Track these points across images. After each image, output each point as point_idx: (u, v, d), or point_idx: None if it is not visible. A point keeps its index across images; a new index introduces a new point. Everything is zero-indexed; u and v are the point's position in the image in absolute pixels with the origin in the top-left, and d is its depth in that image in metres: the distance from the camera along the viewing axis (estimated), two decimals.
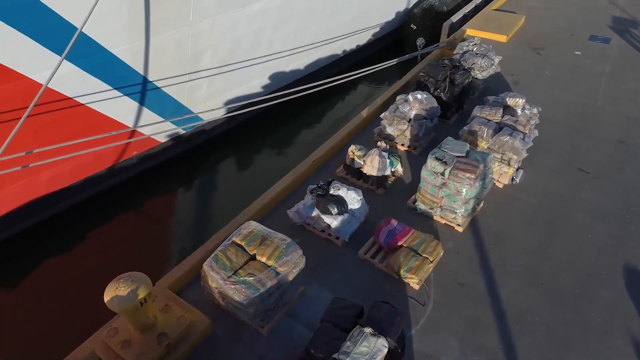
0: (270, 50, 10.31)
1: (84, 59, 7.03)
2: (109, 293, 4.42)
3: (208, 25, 8.44)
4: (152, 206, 9.00)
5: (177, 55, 8.32)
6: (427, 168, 6.35)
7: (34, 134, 7.14)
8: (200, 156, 10.06)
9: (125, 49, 7.47)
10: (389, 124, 7.97)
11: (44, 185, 8.01)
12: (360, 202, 6.26)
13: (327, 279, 5.76)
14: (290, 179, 7.05)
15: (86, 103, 7.53)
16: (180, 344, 4.88)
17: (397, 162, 7.26)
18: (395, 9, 13.77)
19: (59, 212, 8.36)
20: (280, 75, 11.17)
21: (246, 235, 5.18)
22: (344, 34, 12.39)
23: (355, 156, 7.15)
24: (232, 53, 9.41)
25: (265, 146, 10.73)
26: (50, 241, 8.02)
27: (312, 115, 11.54)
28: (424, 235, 6.04)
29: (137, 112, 8.46)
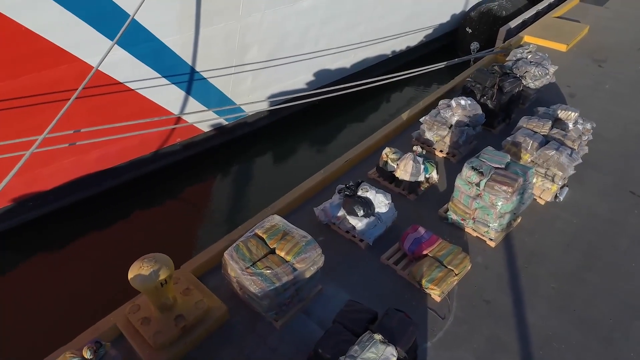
0: (316, 47, 10.33)
1: (136, 47, 7.36)
2: (132, 271, 4.62)
3: (257, 19, 8.58)
4: (190, 192, 9.30)
5: (224, 47, 8.52)
6: (462, 177, 6.13)
7: (85, 115, 7.56)
8: (240, 148, 10.26)
9: (176, 39, 7.74)
10: (429, 129, 7.75)
11: (92, 163, 8.48)
12: (388, 206, 6.14)
13: (347, 280, 5.70)
14: (320, 177, 7.04)
15: (135, 89, 7.89)
16: (196, 328, 5.01)
17: (433, 169, 7.05)
18: (450, 11, 13.38)
19: (103, 190, 8.82)
20: (326, 73, 11.17)
21: (268, 229, 5.23)
22: (394, 34, 12.19)
23: (389, 159, 7.02)
24: (279, 48, 9.52)
25: (304, 142, 10.78)
26: (92, 217, 8.48)
27: (355, 114, 11.46)
28: (452, 247, 5.84)
29: (183, 100, 8.76)
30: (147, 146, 8.99)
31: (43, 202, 8.34)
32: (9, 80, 6.37)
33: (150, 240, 7.73)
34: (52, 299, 6.91)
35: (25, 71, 6.44)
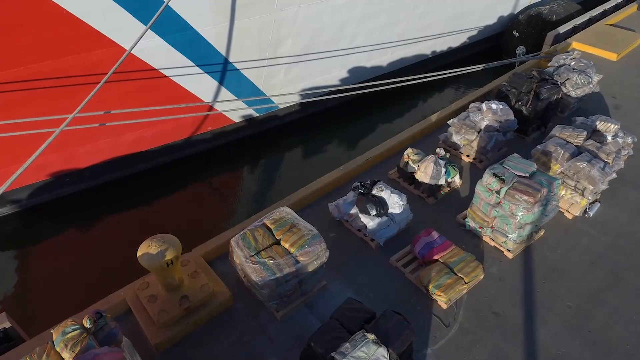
0: (352, 44, 10.27)
1: (171, 35, 7.60)
2: (141, 249, 4.79)
3: (292, 13, 8.63)
4: (216, 180, 9.54)
5: (258, 40, 8.64)
6: (482, 183, 5.91)
7: (121, 98, 7.90)
8: (269, 140, 10.39)
9: (210, 29, 7.93)
10: (456, 132, 7.53)
11: (127, 145, 8.86)
12: (402, 207, 6.03)
13: (353, 279, 5.65)
14: (339, 174, 7.00)
15: (170, 76, 8.15)
16: (199, 310, 5.14)
17: (455, 173, 6.85)
18: (498, 13, 12.89)
19: (136, 172, 9.20)
20: (360, 70, 11.09)
21: (276, 220, 5.26)
22: (435, 34, 11.91)
23: (410, 160, 6.88)
24: (313, 43, 9.54)
25: (334, 139, 10.76)
26: (124, 197, 8.87)
27: (388, 113, 11.32)
28: (465, 254, 5.65)
29: (216, 90, 8.97)
30: (179, 132, 9.29)
31: (79, 178, 8.82)
32: (52, 60, 6.76)
33: (172, 222, 8.02)
34: (78, 269, 7.30)
35: (66, 53, 6.81)
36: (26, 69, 6.64)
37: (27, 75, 6.70)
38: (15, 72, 6.58)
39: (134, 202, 8.82)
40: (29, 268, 7.34)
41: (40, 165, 8.21)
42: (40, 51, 6.57)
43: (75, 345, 3.77)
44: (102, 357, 3.72)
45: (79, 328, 3.89)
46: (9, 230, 8.14)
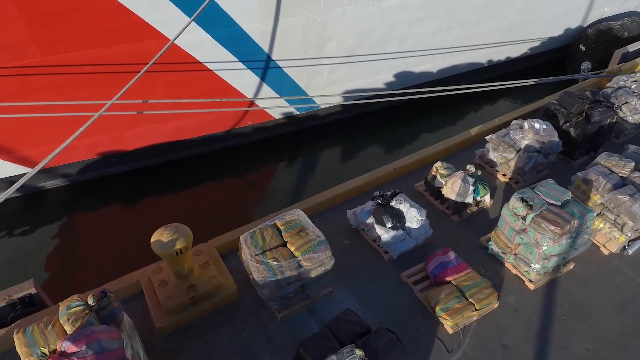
0: (401, 48, 10.04)
1: (217, 30, 7.82)
2: (154, 236, 5.00)
3: (338, 14, 8.58)
4: (250, 174, 9.76)
5: (302, 39, 8.67)
6: (508, 207, 5.60)
7: (166, 88, 8.26)
8: (308, 139, 10.43)
9: (255, 26, 8.06)
10: (494, 149, 7.17)
11: (170, 133, 9.26)
12: (419, 222, 5.85)
13: (360, 289, 5.57)
14: (364, 180, 6.91)
15: (213, 69, 8.40)
16: (204, 300, 5.30)
17: (485, 193, 6.52)
18: (565, 24, 12.05)
19: (175, 159, 9.60)
20: (408, 75, 10.82)
21: (287, 222, 5.29)
22: (492, 43, 11.36)
23: (438, 174, 6.65)
24: (359, 45, 9.42)
25: (374, 143, 10.61)
26: (162, 181, 9.31)
27: (432, 122, 10.98)
28: (480, 280, 5.39)
29: (257, 86, 9.12)
30: (220, 124, 9.57)
31: (124, 160, 9.34)
32: (102, 47, 7.19)
33: (198, 210, 8.33)
34: (108, 245, 7.77)
35: (116, 41, 7.21)
36: (78, 54, 7.11)
37: (79, 60, 7.18)
38: (68, 56, 7.07)
39: (171, 187, 9.23)
40: (65, 239, 7.92)
41: (90, 145, 8.81)
42: (92, 38, 7.00)
43: (77, 320, 4.02)
44: (98, 334, 3.94)
45: (82, 304, 4.14)
46: (57, 201, 8.81)
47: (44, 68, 7.08)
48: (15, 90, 7.14)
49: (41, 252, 7.55)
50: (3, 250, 7.69)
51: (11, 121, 7.26)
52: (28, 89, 7.23)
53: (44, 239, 7.88)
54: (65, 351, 3.77)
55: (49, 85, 7.34)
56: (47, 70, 7.13)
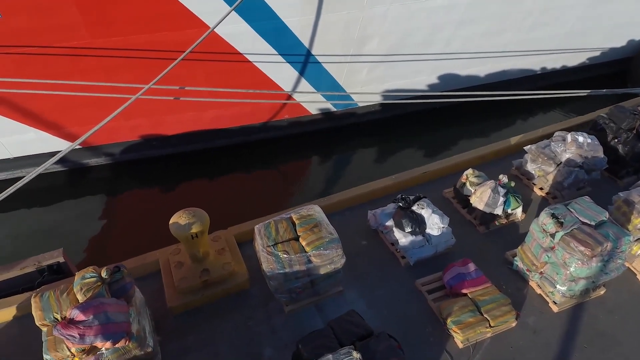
0: (446, 49, 9.72)
1: (258, 22, 7.91)
2: (173, 218, 5.15)
3: (381, 11, 8.43)
4: (283, 167, 9.82)
5: (343, 35, 8.60)
6: (537, 222, 5.29)
7: (206, 77, 8.47)
8: (343, 136, 10.35)
9: (296, 20, 8.08)
10: (532, 160, 6.79)
11: (209, 121, 9.49)
12: (440, 230, 5.64)
13: (372, 292, 5.46)
14: (390, 182, 6.76)
15: (253, 61, 8.51)
16: (216, 285, 5.40)
17: (517, 205, 6.20)
18: (629, 35, 11.19)
19: (213, 147, 9.84)
20: (452, 78, 10.47)
21: (303, 216, 5.27)
22: (547, 49, 10.76)
23: (467, 181, 6.39)
24: (402, 44, 9.22)
25: (410, 145, 10.36)
26: (198, 166, 9.58)
27: (474, 127, 10.57)
28: (499, 296, 5.13)
29: (296, 80, 9.15)
30: (257, 116, 9.69)
31: (165, 144, 9.68)
32: (148, 34, 7.47)
33: (227, 197, 8.51)
34: (139, 224, 8.10)
35: (161, 29, 7.46)
36: (125, 38, 7.43)
37: (125, 44, 7.50)
38: (115, 40, 7.40)
39: (205, 174, 9.48)
40: (100, 214, 8.32)
41: (133, 127, 9.20)
42: (138, 24, 7.29)
43: (88, 291, 4.21)
44: (106, 305, 4.11)
45: (96, 276, 4.33)
46: (98, 178, 9.29)
47: (92, 50, 7.46)
48: (66, 70, 7.56)
49: (75, 224, 7.99)
50: (42, 219, 8.21)
51: (61, 99, 7.71)
52: (77, 69, 7.63)
53: (81, 212, 8.33)
54: (74, 319, 3.96)
55: (96, 67, 7.72)
56: (96, 52, 7.50)
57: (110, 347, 4.05)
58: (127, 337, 4.13)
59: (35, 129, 8.51)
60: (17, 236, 7.94)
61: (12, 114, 8.08)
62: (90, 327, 3.91)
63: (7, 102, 7.80)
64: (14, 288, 5.46)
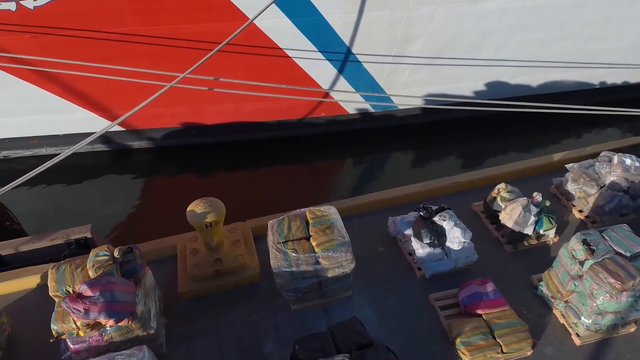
0: (496, 55, 9.26)
1: (300, 18, 7.89)
2: (190, 206, 5.24)
3: (428, 12, 8.15)
4: (316, 163, 9.81)
5: (386, 35, 8.40)
6: (567, 247, 4.92)
7: (245, 70, 8.57)
8: (379, 138, 10.16)
9: (338, 17, 7.99)
10: (574, 180, 6.33)
11: (247, 113, 9.62)
12: (461, 245, 5.38)
13: (382, 300, 5.31)
14: (416, 189, 6.54)
15: (292, 57, 8.52)
16: (227, 276, 5.46)
17: (550, 227, 5.79)
18: None
19: (250, 139, 9.97)
20: (501, 86, 9.98)
21: (318, 216, 5.20)
22: (608, 62, 9.99)
23: (499, 196, 6.05)
24: (448, 47, 8.88)
25: (450, 152, 10.01)
26: (232, 157, 9.76)
27: (519, 139, 10.05)
28: (517, 321, 4.82)
29: (334, 78, 9.06)
30: (294, 112, 9.71)
31: (203, 133, 9.93)
32: (191, 24, 7.66)
33: (254, 189, 8.59)
34: (169, 208, 8.32)
35: (204, 20, 7.62)
36: (170, 27, 7.65)
37: (170, 33, 7.73)
38: (161, 29, 7.65)
39: (238, 165, 9.65)
40: (134, 195, 8.67)
41: (175, 114, 9.50)
42: (183, 14, 7.48)
43: (100, 268, 4.37)
44: (113, 284, 4.25)
45: (108, 255, 4.49)
46: (139, 161, 9.69)
47: (139, 37, 7.75)
48: (115, 55, 7.90)
49: (109, 202, 8.38)
50: (81, 194, 8.68)
51: (108, 82, 8.08)
52: (125, 55, 7.96)
53: (116, 191, 8.72)
54: (82, 294, 4.13)
55: (142, 53, 8.02)
56: (142, 39, 7.78)
57: (113, 324, 4.18)
58: (130, 317, 4.25)
59: (83, 109, 8.98)
60: (55, 208, 8.43)
61: (63, 93, 8.58)
62: (96, 303, 4.05)
63: (59, 81, 8.28)
64: (42, 258, 5.79)
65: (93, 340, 4.23)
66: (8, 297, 5.26)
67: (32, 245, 5.82)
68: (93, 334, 4.21)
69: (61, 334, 4.14)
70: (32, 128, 9.26)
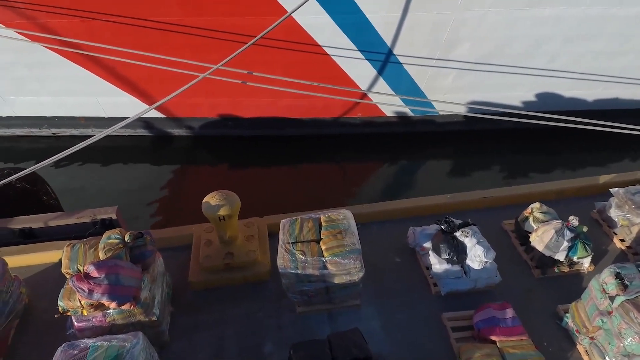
0: (549, 65, 8.68)
1: (341, 15, 7.74)
2: (206, 198, 5.25)
3: (476, 15, 7.74)
4: (348, 164, 9.64)
5: (430, 37, 8.08)
6: (598, 279, 4.49)
7: (283, 65, 8.53)
8: (416, 143, 9.83)
9: (381, 16, 7.76)
10: (618, 206, 5.78)
11: (282, 109, 9.61)
12: (482, 264, 5.03)
13: (391, 314, 5.08)
14: (443, 200, 6.23)
15: (331, 55, 8.38)
16: (237, 270, 5.44)
17: (585, 254, 5.31)
18: None
19: (283, 135, 9.96)
20: (553, 98, 9.35)
21: (332, 219, 5.05)
22: None
23: (532, 216, 5.62)
24: (497, 53, 8.41)
25: (491, 165, 9.52)
26: (266, 151, 9.79)
27: (565, 156, 9.38)
28: (533, 353, 4.44)
29: (373, 79, 8.84)
30: (329, 110, 9.59)
31: (239, 125, 10.03)
32: (232, 17, 7.71)
33: (283, 185, 8.54)
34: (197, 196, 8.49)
35: (245, 13, 7.65)
36: (213, 19, 7.74)
37: (212, 25, 7.82)
38: (204, 20, 7.76)
39: (271, 160, 9.66)
40: (168, 180, 8.89)
41: (213, 105, 9.66)
42: (226, 6, 7.54)
43: (109, 251, 4.46)
44: (119, 268, 4.32)
45: (119, 238, 4.57)
46: (177, 148, 9.95)
47: (182, 27, 7.90)
48: (157, 43, 8.11)
49: (141, 185, 8.65)
50: (117, 175, 9.01)
51: (151, 69, 8.32)
52: (167, 44, 8.14)
53: (151, 175, 9.00)
54: (89, 274, 4.22)
55: (184, 43, 8.17)
56: (184, 29, 7.93)
57: (115, 307, 4.25)
58: (133, 302, 4.31)
59: (127, 93, 9.32)
60: (92, 186, 8.81)
61: (109, 77, 8.93)
62: (100, 285, 4.14)
63: (106, 65, 8.62)
64: (69, 234, 6.02)
65: (96, 320, 4.32)
66: (31, 269, 5.51)
67: (61, 221, 6.08)
68: (96, 314, 4.31)
69: (66, 310, 4.26)
70: (80, 108, 9.73)
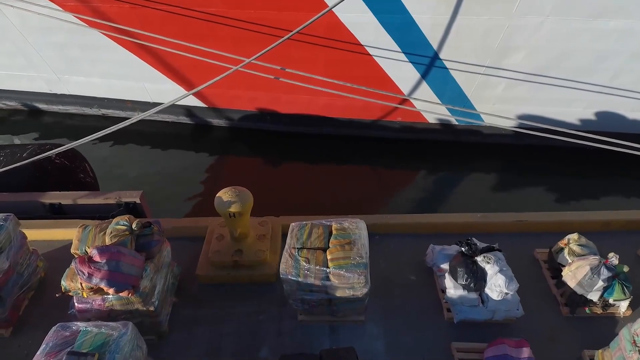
0: (612, 82, 7.86)
1: (385, 15, 7.41)
2: (219, 193, 5.19)
3: (534, 22, 7.13)
4: (384, 171, 9.32)
5: (480, 43, 7.55)
6: (630, 329, 3.96)
7: (325, 63, 8.34)
8: (458, 154, 9.31)
9: (428, 18, 7.34)
10: None
11: (320, 107, 9.43)
12: (502, 295, 4.59)
13: (396, 335, 4.78)
14: (472, 219, 5.77)
15: (373, 55, 8.07)
16: (244, 269, 5.35)
17: (623, 297, 4.72)
18: None
19: (320, 133, 9.79)
20: (614, 118, 8.49)
21: (343, 228, 4.81)
22: None
23: (567, 248, 5.08)
24: (554, 65, 7.72)
25: (530, 184, 8.77)
26: (301, 149, 9.67)
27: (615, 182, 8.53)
28: None
29: (416, 83, 8.43)
30: (368, 112, 9.29)
31: (277, 120, 9.98)
32: (276, 11, 7.60)
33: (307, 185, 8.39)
34: None
35: (289, 8, 7.50)
36: (255, 12, 7.67)
37: (255, 18, 7.76)
38: (247, 13, 7.71)
39: (304, 157, 9.54)
40: (202, 169, 9.00)
41: (252, 99, 9.66)
42: (269, 1, 7.45)
43: (115, 237, 4.51)
44: (121, 255, 4.34)
45: (127, 225, 4.61)
46: (215, 137, 10.09)
47: (225, 19, 7.91)
48: (201, 34, 8.19)
49: (173, 171, 8.80)
50: (153, 159, 9.23)
51: (196, 60, 8.43)
52: (210, 35, 8.21)
53: (184, 163, 9.14)
54: (92, 258, 4.28)
55: (226, 35, 8.20)
56: (227, 21, 7.94)
57: (113, 293, 4.28)
58: (131, 290, 4.32)
59: (173, 82, 9.53)
60: (127, 168, 9.07)
61: (156, 64, 9.16)
62: (99, 270, 4.17)
63: (153, 53, 8.84)
64: (93, 213, 6.21)
65: (96, 303, 4.38)
66: (50, 244, 5.73)
67: (88, 200, 6.29)
68: (96, 298, 4.37)
69: (68, 290, 4.35)
70: (128, 92, 10.08)
